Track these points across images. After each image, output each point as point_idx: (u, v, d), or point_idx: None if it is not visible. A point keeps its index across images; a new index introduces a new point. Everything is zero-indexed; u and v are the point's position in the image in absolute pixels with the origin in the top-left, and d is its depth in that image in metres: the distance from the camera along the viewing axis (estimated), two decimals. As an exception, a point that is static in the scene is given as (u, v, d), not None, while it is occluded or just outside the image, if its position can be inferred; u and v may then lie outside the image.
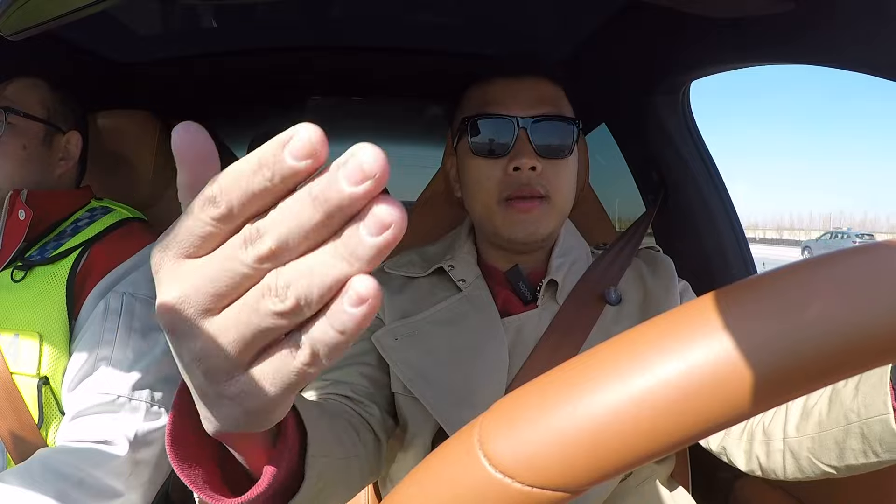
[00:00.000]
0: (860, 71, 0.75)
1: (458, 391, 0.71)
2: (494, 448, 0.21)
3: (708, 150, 1.20)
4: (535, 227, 0.75)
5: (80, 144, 1.00)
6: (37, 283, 0.87)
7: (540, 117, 0.75)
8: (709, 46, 0.98)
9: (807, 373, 0.20)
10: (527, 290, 0.79)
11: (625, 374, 0.20)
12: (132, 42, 1.39)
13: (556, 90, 0.80)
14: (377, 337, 0.77)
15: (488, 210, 0.77)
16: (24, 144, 0.93)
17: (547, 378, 0.22)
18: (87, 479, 0.78)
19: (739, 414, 0.20)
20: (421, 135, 2.61)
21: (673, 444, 0.20)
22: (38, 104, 0.96)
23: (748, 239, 1.18)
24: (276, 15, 1.31)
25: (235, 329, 0.22)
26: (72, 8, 0.60)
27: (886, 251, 0.21)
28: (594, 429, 0.20)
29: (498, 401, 0.23)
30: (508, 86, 0.78)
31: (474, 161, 0.78)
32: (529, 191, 0.74)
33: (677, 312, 0.22)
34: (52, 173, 0.98)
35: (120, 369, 0.85)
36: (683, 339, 0.20)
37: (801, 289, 0.21)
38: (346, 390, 0.73)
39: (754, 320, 0.20)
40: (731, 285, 0.22)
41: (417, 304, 0.80)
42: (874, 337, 0.20)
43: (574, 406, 0.21)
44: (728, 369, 0.20)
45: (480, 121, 0.77)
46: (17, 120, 0.92)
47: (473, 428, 0.22)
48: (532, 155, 0.74)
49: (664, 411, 0.20)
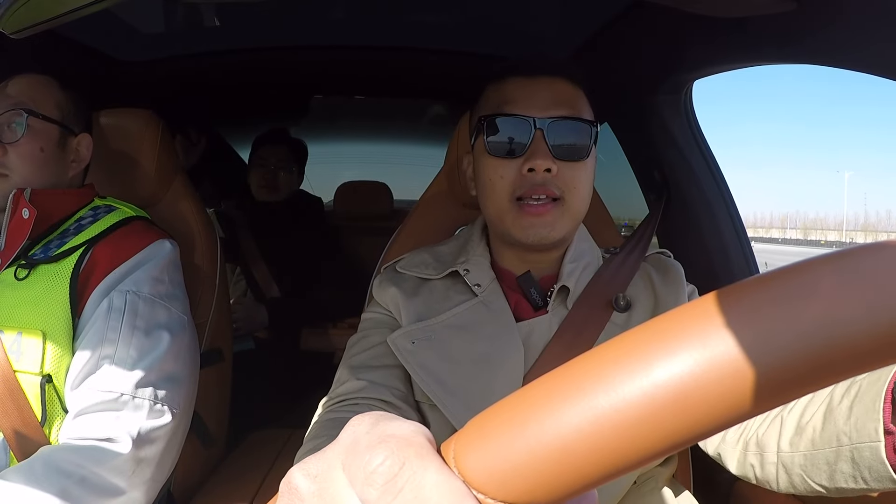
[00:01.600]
0: (861, 71, 0.75)
1: (475, 398, 0.71)
2: (467, 464, 0.22)
3: (710, 150, 1.19)
4: (548, 230, 0.74)
5: (90, 147, 1.01)
6: (40, 282, 0.88)
7: (557, 118, 0.74)
8: (711, 46, 0.98)
9: (767, 392, 0.20)
10: (538, 296, 0.79)
11: (588, 392, 0.21)
12: (134, 41, 1.39)
13: (575, 90, 0.78)
14: (393, 339, 0.77)
15: (500, 210, 0.76)
16: (42, 147, 0.93)
17: (520, 394, 0.23)
18: (90, 476, 0.78)
19: (703, 432, 0.20)
20: (423, 134, 2.61)
21: (635, 461, 0.20)
22: (54, 106, 0.96)
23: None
24: (279, 13, 1.31)
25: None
26: (74, 7, 0.60)
27: (892, 250, 0.21)
28: (559, 446, 0.21)
29: (474, 417, 0.23)
30: (526, 85, 0.76)
31: (489, 161, 0.77)
32: (543, 190, 0.73)
33: (646, 327, 0.22)
34: (66, 175, 0.98)
35: (123, 367, 0.85)
36: (648, 356, 0.21)
37: (772, 304, 0.21)
38: (386, 394, 0.74)
39: (719, 339, 0.20)
40: (698, 299, 0.22)
41: (432, 307, 0.80)
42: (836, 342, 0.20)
43: (541, 424, 0.21)
44: (691, 386, 0.20)
45: (496, 120, 0.76)
46: (35, 122, 0.92)
47: (450, 444, 0.23)
48: (547, 156, 0.73)
49: (626, 430, 0.20)
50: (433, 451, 0.21)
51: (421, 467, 0.20)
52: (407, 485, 0.20)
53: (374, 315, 0.85)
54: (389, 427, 0.22)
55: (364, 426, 0.23)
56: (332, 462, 0.22)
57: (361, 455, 0.21)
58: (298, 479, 0.23)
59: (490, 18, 1.33)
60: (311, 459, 0.23)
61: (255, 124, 2.15)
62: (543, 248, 0.78)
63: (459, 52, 1.47)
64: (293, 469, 0.23)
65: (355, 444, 0.22)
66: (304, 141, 2.04)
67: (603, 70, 1.30)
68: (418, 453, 0.21)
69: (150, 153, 1.12)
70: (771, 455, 0.62)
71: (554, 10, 1.25)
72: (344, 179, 2.34)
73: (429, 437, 0.22)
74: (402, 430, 0.22)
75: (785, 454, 0.60)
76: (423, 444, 0.21)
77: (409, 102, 2.17)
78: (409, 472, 0.20)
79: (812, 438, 0.56)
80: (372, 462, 0.20)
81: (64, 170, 0.97)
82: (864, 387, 0.52)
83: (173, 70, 1.55)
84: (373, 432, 0.22)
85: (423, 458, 0.21)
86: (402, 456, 0.20)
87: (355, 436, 0.22)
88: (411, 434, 0.22)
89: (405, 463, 0.20)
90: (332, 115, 2.49)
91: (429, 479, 0.20)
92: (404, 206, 2.23)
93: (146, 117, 1.13)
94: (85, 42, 1.33)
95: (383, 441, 0.21)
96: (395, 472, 0.20)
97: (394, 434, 0.21)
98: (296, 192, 1.96)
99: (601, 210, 1.11)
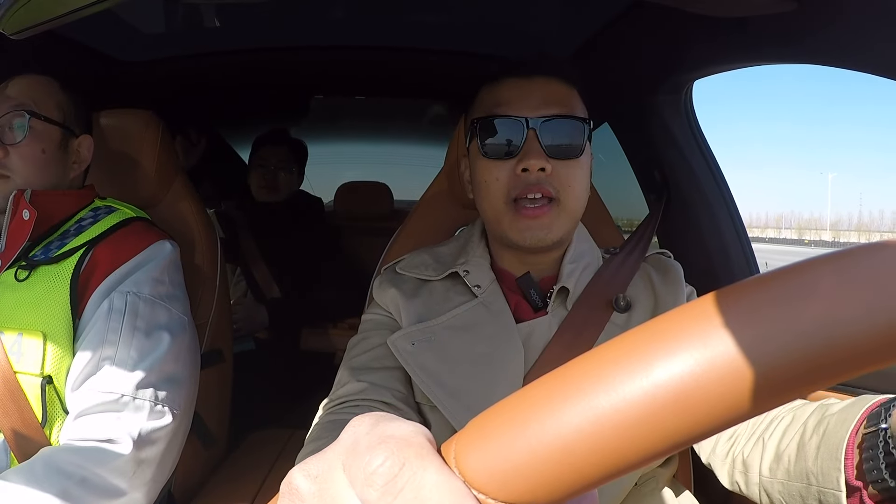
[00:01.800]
0: (861, 71, 0.75)
1: (475, 399, 0.71)
2: (468, 464, 0.22)
3: (711, 150, 1.19)
4: (545, 232, 0.75)
5: (91, 148, 1.00)
6: (41, 283, 0.88)
7: (549, 117, 0.74)
8: (711, 46, 0.98)
9: (766, 391, 0.20)
10: (537, 297, 0.79)
11: (589, 392, 0.21)
12: (134, 41, 1.39)
13: (568, 89, 0.78)
14: (393, 340, 0.77)
15: (497, 212, 0.77)
16: (43, 149, 0.93)
17: (521, 394, 0.23)
18: (91, 477, 0.78)
19: (703, 432, 0.21)
20: (424, 134, 2.61)
21: (636, 461, 0.21)
22: (55, 107, 0.96)
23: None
24: (279, 13, 1.31)
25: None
26: (74, 7, 0.60)
27: (891, 250, 0.21)
28: (560, 447, 0.21)
29: (475, 417, 0.23)
30: (518, 86, 0.77)
31: (484, 162, 0.77)
32: (538, 189, 0.73)
33: (646, 328, 0.22)
34: (67, 177, 0.98)
35: (124, 368, 0.85)
36: (648, 357, 0.21)
37: (754, 307, 0.21)
38: (387, 396, 0.74)
39: (719, 339, 0.21)
40: (697, 299, 0.23)
41: (433, 308, 0.80)
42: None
43: (542, 423, 0.21)
44: (692, 386, 0.20)
45: (490, 122, 0.76)
46: (37, 124, 0.92)
47: (451, 444, 0.23)
48: (541, 156, 0.73)
49: (627, 430, 0.20)
50: (433, 451, 0.22)
51: (421, 468, 0.20)
52: (407, 485, 0.20)
53: (374, 316, 0.85)
54: (389, 428, 0.22)
55: (364, 427, 0.23)
56: (333, 463, 0.22)
57: (361, 456, 0.21)
58: (299, 480, 0.23)
59: (490, 18, 1.33)
60: (311, 460, 0.23)
61: (256, 125, 2.15)
62: (541, 250, 0.78)
63: (460, 53, 1.47)
64: (294, 470, 0.23)
65: (355, 444, 0.22)
66: (304, 141, 2.04)
67: (603, 70, 1.30)
68: (418, 454, 0.21)
69: (151, 154, 1.12)
70: (754, 476, 0.62)
71: (554, 10, 1.25)
72: (344, 180, 2.34)
73: (429, 437, 0.22)
74: (402, 430, 0.22)
75: (765, 479, 0.60)
76: (423, 444, 0.21)
77: (409, 102, 2.16)
78: (409, 472, 0.20)
79: (787, 469, 0.57)
80: (372, 463, 0.20)
81: (65, 171, 0.97)
82: (830, 427, 0.52)
83: (173, 70, 1.55)
84: (373, 433, 0.22)
85: (423, 459, 0.21)
86: (402, 456, 0.21)
87: (356, 437, 0.22)
88: (411, 434, 0.22)
89: (405, 463, 0.20)
90: (333, 115, 2.49)
91: (428, 480, 0.20)
92: (404, 206, 2.23)
93: (146, 118, 1.13)
94: (85, 42, 1.33)
95: (383, 442, 0.21)
96: (395, 473, 0.20)
97: (394, 435, 0.22)
98: (296, 192, 1.96)
99: (601, 210, 1.11)
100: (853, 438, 0.49)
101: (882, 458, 0.45)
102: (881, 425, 0.46)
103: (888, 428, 0.45)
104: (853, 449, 0.49)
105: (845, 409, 0.52)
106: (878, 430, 0.46)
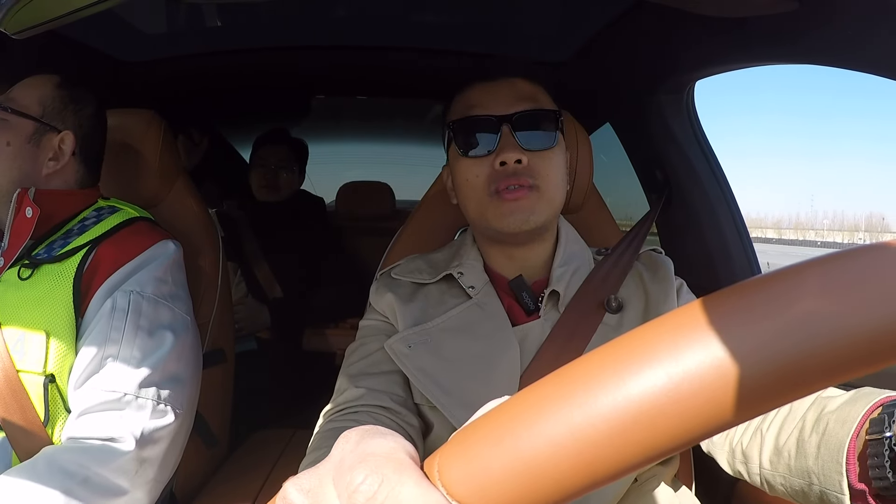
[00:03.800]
0: (861, 71, 0.75)
1: (473, 397, 0.72)
2: (450, 477, 0.23)
3: (712, 150, 1.19)
4: (527, 215, 0.76)
5: (73, 145, 0.98)
6: (44, 282, 0.88)
7: (520, 112, 0.78)
8: (713, 46, 0.98)
9: (750, 401, 0.20)
10: (529, 300, 0.80)
11: (564, 407, 0.22)
12: (136, 41, 1.40)
13: (534, 87, 0.83)
14: (390, 344, 0.78)
15: (480, 205, 0.79)
16: (7, 141, 0.92)
17: (500, 408, 0.24)
18: (93, 476, 0.78)
19: (676, 445, 0.21)
20: (425, 134, 2.61)
21: (614, 473, 0.21)
22: (36, 102, 0.95)
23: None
24: (281, 13, 1.32)
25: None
26: (75, 7, 0.60)
27: (881, 252, 0.21)
28: (537, 460, 0.21)
29: (457, 431, 0.25)
30: (486, 89, 0.82)
31: (464, 162, 0.80)
32: (517, 180, 0.76)
33: (620, 342, 0.23)
34: (38, 172, 0.95)
35: (126, 367, 0.85)
36: (621, 372, 0.21)
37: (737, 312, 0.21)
38: (385, 400, 0.75)
39: (687, 354, 0.21)
40: (671, 311, 0.23)
41: (428, 311, 0.81)
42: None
43: (519, 437, 0.22)
44: (664, 401, 0.21)
45: (464, 123, 0.80)
46: (6, 115, 0.92)
47: (434, 458, 0.24)
48: (516, 148, 0.76)
49: (601, 443, 0.21)
50: (412, 465, 0.24)
51: (398, 483, 0.22)
52: (387, 500, 0.22)
53: (371, 323, 0.86)
54: (370, 445, 0.25)
55: (350, 444, 0.25)
56: (324, 478, 0.25)
57: (345, 474, 0.23)
58: (292, 494, 0.25)
59: (492, 19, 1.33)
60: (304, 475, 0.26)
61: (258, 125, 2.15)
62: (525, 236, 0.79)
63: (461, 53, 1.47)
64: (287, 483, 0.26)
65: (341, 462, 0.24)
66: (304, 140, 2.04)
67: (604, 70, 1.30)
68: (396, 469, 0.23)
69: (153, 153, 1.12)
70: (755, 467, 0.62)
71: (555, 10, 1.25)
72: (346, 179, 2.34)
73: (409, 452, 0.24)
74: (383, 447, 0.24)
75: (766, 471, 0.60)
76: (401, 460, 0.24)
77: (410, 102, 2.17)
78: (387, 488, 0.22)
79: (788, 464, 0.56)
80: (354, 481, 0.23)
81: (36, 166, 0.94)
82: (830, 426, 0.51)
83: (175, 70, 1.55)
84: (356, 451, 0.24)
85: (401, 474, 0.23)
86: (380, 474, 0.23)
87: (342, 454, 0.25)
88: (391, 451, 0.24)
89: (384, 480, 0.22)
90: (334, 115, 2.49)
91: (406, 493, 0.22)
92: (406, 206, 2.23)
93: (148, 118, 1.14)
94: (87, 42, 1.33)
95: (363, 460, 0.23)
96: (374, 490, 0.22)
97: (374, 452, 0.24)
98: (297, 192, 1.96)
99: (602, 209, 1.11)
100: (854, 442, 0.48)
101: (889, 467, 0.44)
102: (885, 434, 0.45)
103: (892, 436, 0.45)
104: (855, 452, 0.48)
105: (844, 406, 0.51)
106: (882, 438, 0.45)
